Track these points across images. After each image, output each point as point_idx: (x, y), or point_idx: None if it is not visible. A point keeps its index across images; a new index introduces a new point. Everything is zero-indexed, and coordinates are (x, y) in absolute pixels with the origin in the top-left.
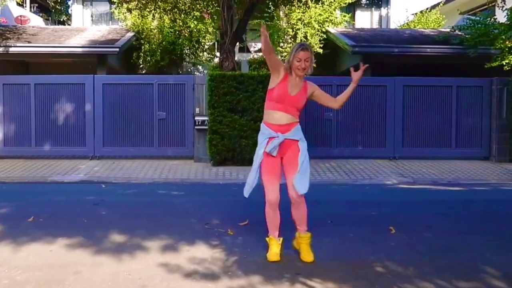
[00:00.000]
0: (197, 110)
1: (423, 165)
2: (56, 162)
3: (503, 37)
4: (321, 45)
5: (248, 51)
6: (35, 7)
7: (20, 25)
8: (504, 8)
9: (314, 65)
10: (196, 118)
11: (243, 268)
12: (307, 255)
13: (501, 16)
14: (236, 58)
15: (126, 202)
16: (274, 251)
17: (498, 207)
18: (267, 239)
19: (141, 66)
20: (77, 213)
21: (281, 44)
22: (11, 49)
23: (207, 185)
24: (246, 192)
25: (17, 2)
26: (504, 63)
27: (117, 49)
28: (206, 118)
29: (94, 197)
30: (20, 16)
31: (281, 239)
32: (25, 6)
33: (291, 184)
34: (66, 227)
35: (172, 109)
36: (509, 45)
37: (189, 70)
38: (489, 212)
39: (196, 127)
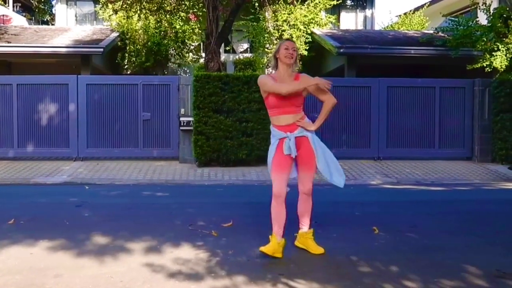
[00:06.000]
0: (182, 111)
1: (407, 165)
2: (39, 163)
3: (485, 39)
4: (307, 48)
5: (234, 52)
6: (18, 7)
7: (2, 24)
8: (485, 11)
9: (300, 66)
10: (181, 119)
11: (226, 269)
12: (316, 249)
13: (483, 19)
14: (221, 59)
15: (110, 204)
16: (269, 248)
17: (480, 207)
18: (270, 237)
19: (126, 66)
20: (59, 215)
21: (267, 45)
22: None
23: (192, 186)
24: None
25: None
26: (486, 65)
27: (102, 49)
28: (191, 119)
29: (77, 199)
30: (3, 15)
31: (283, 240)
32: (8, 6)
33: (303, 180)
34: (47, 229)
35: (157, 110)
36: (490, 47)
37: (175, 70)
38: (471, 212)
39: (181, 128)
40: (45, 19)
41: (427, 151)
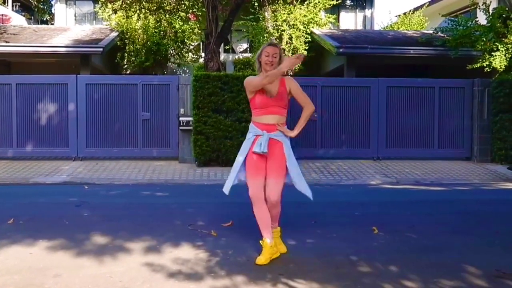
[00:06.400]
0: (181, 110)
1: (407, 165)
2: (38, 163)
3: (484, 39)
4: (306, 48)
5: (233, 51)
6: (17, 6)
7: (1, 24)
8: (485, 11)
9: (301, 66)
10: (181, 118)
11: (226, 269)
12: (280, 247)
13: (482, 19)
14: (221, 59)
15: (109, 204)
16: (265, 256)
17: (479, 207)
18: (261, 242)
19: (125, 66)
20: (59, 215)
21: None
22: None
23: (192, 186)
24: (225, 188)
25: None
26: (485, 65)
27: (101, 49)
28: (190, 118)
29: (77, 199)
30: (2, 15)
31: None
32: (7, 5)
33: (269, 187)
34: (46, 229)
35: (156, 109)
36: (490, 47)
37: (174, 70)
38: (471, 212)
39: (180, 127)
40: (45, 19)
41: (426, 151)
